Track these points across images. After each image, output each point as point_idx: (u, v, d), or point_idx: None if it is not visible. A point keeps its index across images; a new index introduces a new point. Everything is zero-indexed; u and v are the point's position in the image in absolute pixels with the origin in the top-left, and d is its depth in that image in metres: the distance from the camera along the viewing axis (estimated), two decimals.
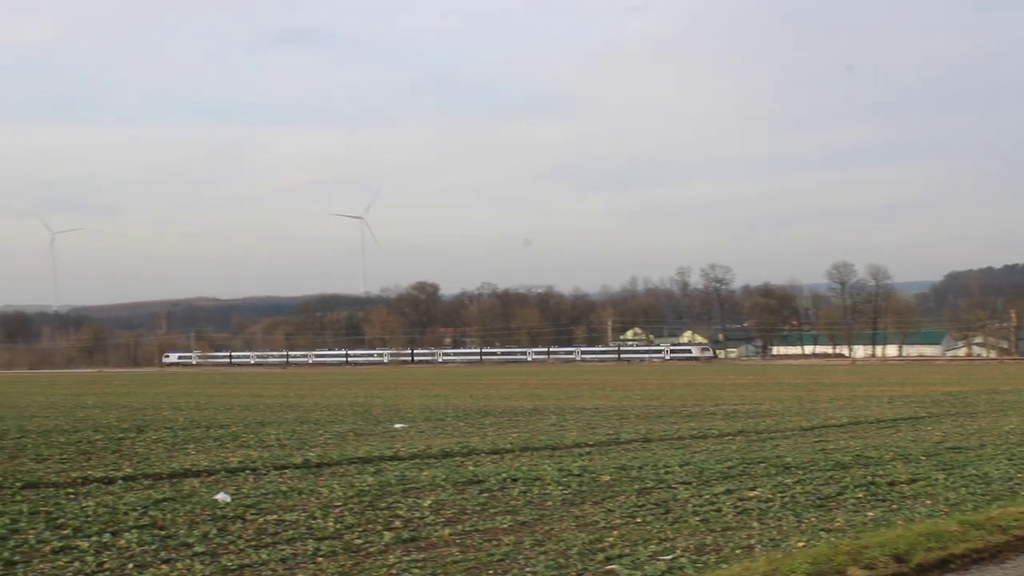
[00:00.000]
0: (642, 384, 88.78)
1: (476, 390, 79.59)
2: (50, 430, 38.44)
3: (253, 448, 31.38)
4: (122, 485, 22.99)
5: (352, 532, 16.98)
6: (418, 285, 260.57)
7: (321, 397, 68.46)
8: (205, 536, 16.63)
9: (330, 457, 28.14)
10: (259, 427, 39.97)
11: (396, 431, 38.16)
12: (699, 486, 21.93)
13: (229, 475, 24.72)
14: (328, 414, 48.32)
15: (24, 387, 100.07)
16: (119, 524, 17.64)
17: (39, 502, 20.22)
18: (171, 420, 44.11)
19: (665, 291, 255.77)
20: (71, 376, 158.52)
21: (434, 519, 18.15)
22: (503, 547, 15.79)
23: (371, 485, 22.04)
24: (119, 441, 33.71)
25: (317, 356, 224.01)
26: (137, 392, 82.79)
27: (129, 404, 60.13)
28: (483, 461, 27.48)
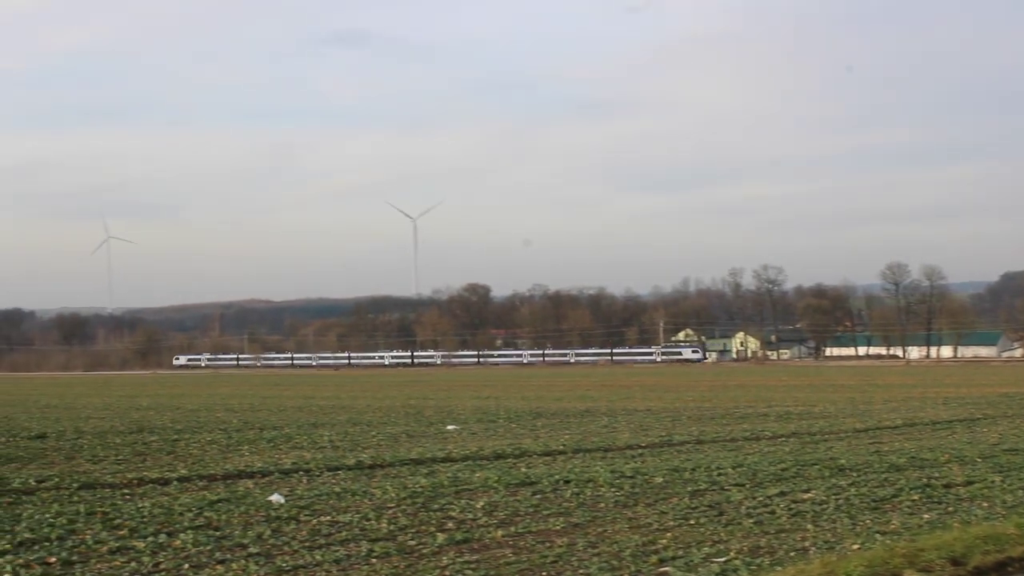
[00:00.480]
0: (694, 386, 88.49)
1: (528, 392, 79.58)
2: (106, 431, 38.76)
3: (306, 449, 31.52)
4: (177, 486, 23.16)
5: (405, 533, 17.03)
6: (469, 287, 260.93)
7: (373, 399, 68.65)
8: (259, 537, 16.72)
9: (383, 459, 28.21)
10: (312, 429, 40.14)
11: (448, 433, 38.22)
12: (752, 488, 21.83)
13: (283, 476, 24.84)
14: (380, 416, 48.45)
15: (80, 389, 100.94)
16: (174, 525, 17.78)
17: (96, 503, 20.41)
18: (225, 422, 44.38)
19: (717, 292, 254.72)
20: (125, 378, 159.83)
21: (487, 520, 18.17)
22: (556, 549, 15.78)
23: (424, 487, 22.10)
24: (174, 442, 33.94)
25: (320, 359, 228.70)
26: (191, 394, 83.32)
27: (183, 406, 60.53)
28: (535, 463, 27.48)
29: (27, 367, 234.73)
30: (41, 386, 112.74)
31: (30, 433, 37.57)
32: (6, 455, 29.80)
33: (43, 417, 49.02)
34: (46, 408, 59.08)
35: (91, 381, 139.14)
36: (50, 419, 47.21)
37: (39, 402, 68.11)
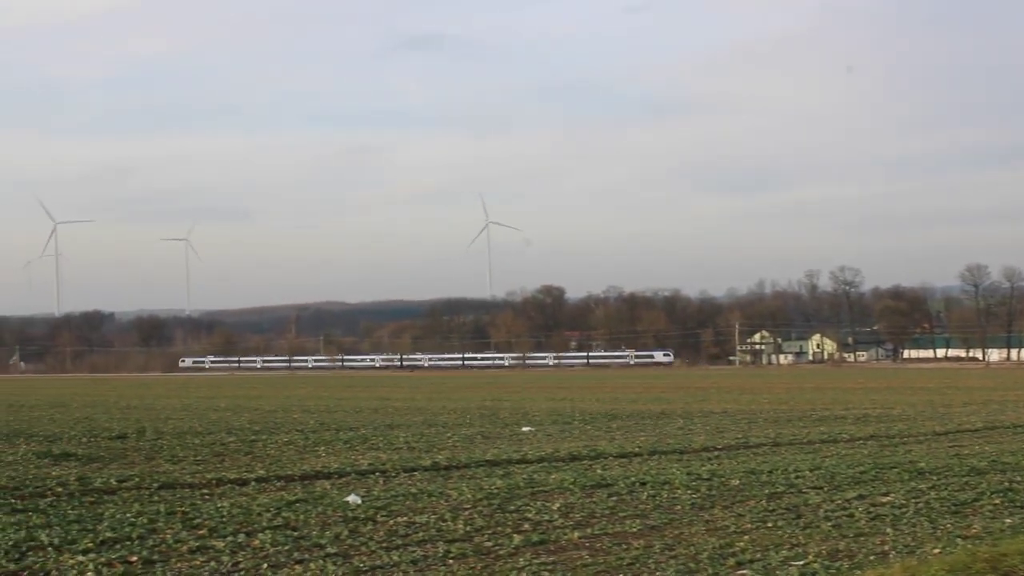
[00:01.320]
0: (770, 388, 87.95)
1: (602, 393, 79.49)
2: (184, 432, 39.15)
3: (382, 450, 31.67)
4: (255, 486, 23.35)
5: (482, 534, 17.06)
6: (544, 289, 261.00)
7: (448, 400, 68.86)
8: (337, 537, 16.81)
9: (458, 460, 28.28)
10: (388, 430, 40.32)
11: (523, 434, 38.24)
12: (830, 491, 21.66)
13: (359, 477, 24.97)
14: (455, 417, 48.57)
15: (159, 390, 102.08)
16: (253, 525, 17.92)
17: (175, 502, 20.62)
18: (301, 422, 44.68)
19: (793, 294, 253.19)
20: (203, 379, 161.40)
21: (563, 522, 18.16)
22: (633, 551, 15.75)
23: (500, 488, 22.13)
24: (251, 443, 34.21)
25: (315, 361, 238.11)
26: (267, 395, 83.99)
27: (260, 407, 61.02)
28: (611, 464, 27.43)
29: (106, 368, 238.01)
30: (120, 387, 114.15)
31: (111, 433, 38.03)
32: (88, 455, 30.18)
33: (123, 418, 49.60)
34: (126, 409, 59.80)
35: (169, 382, 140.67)
36: (130, 420, 47.75)
37: (119, 403, 68.94)
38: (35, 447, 32.54)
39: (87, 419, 48.36)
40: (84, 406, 63.73)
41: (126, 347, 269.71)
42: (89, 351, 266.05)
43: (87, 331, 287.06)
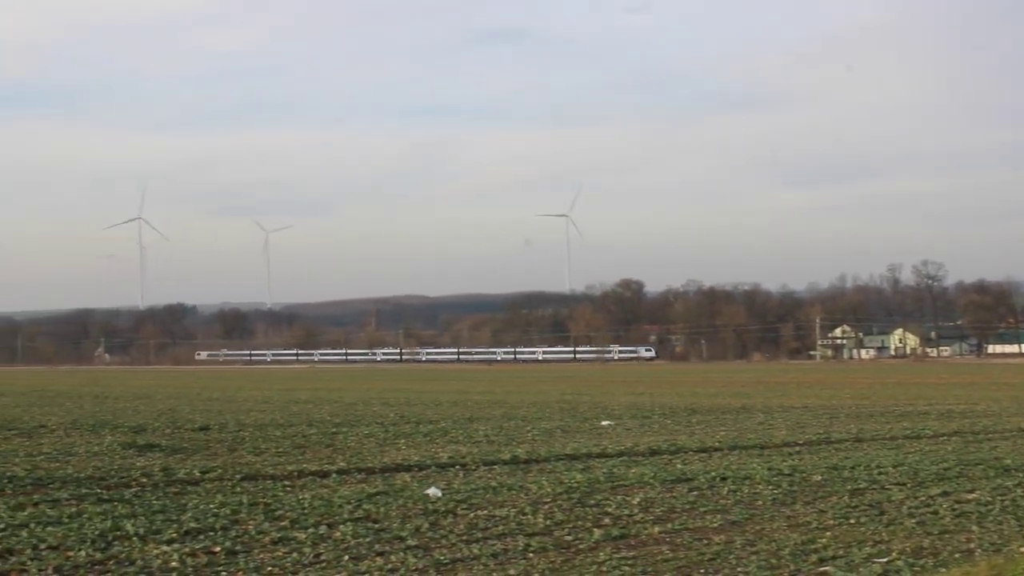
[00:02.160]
0: (852, 383, 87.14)
1: (682, 388, 79.16)
2: (266, 424, 39.47)
3: (462, 444, 31.73)
4: (336, 479, 23.47)
5: (562, 529, 17.06)
6: (623, 282, 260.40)
7: (527, 394, 68.91)
8: (417, 530, 16.88)
9: (538, 454, 28.29)
10: (467, 423, 40.40)
11: (603, 428, 38.17)
12: (914, 488, 21.44)
13: (439, 470, 25.04)
14: (535, 411, 48.56)
15: (240, 382, 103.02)
16: (334, 516, 18.04)
17: (258, 494, 20.81)
18: (381, 415, 44.87)
19: (875, 288, 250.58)
20: (284, 371, 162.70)
21: (643, 517, 18.11)
22: (714, 546, 15.67)
23: (579, 482, 22.11)
24: (332, 435, 34.41)
25: (322, 355, 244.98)
26: (347, 388, 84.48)
27: (340, 399, 61.38)
28: (691, 459, 27.31)
29: (189, 360, 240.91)
30: (203, 379, 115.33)
31: (194, 425, 38.43)
32: (171, 446, 30.51)
33: (206, 410, 50.09)
34: (208, 401, 60.40)
35: (250, 374, 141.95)
36: (212, 411, 48.22)
37: (201, 395, 69.64)
38: (120, 438, 32.95)
39: (170, 410, 48.90)
40: (168, 398, 64.45)
41: (208, 340, 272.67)
42: (172, 343, 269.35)
43: (170, 324, 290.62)
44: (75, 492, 20.80)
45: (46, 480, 22.25)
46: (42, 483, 21.91)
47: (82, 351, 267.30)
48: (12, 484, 21.67)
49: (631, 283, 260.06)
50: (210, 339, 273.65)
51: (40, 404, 55.77)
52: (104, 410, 49.75)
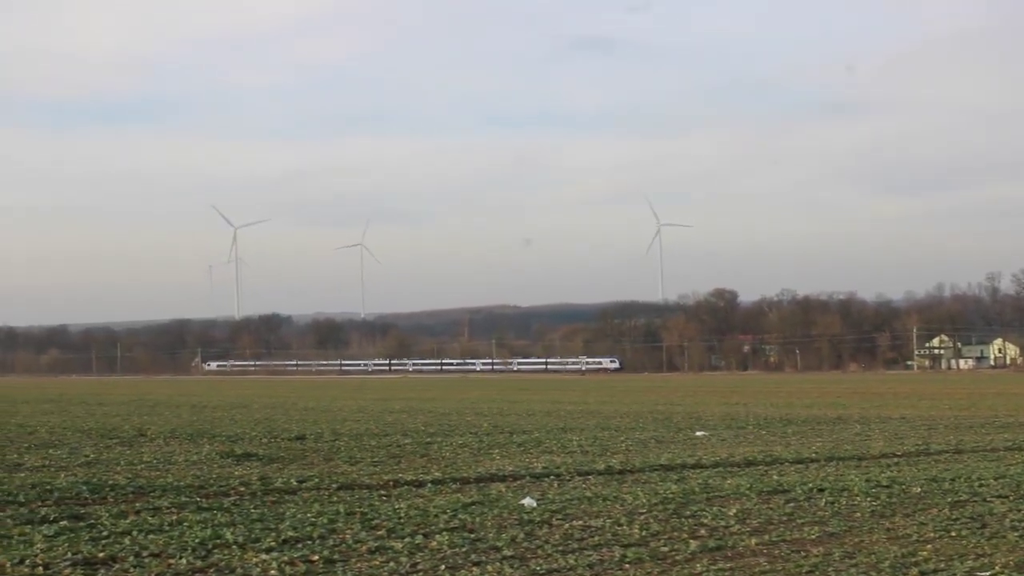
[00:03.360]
0: (950, 393, 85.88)
1: (777, 398, 78.53)
2: (361, 434, 39.74)
3: (556, 454, 31.73)
4: (431, 488, 23.58)
5: (658, 539, 17.00)
6: (716, 292, 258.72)
7: (621, 404, 68.73)
8: (513, 540, 16.90)
9: (633, 464, 28.22)
10: (561, 433, 40.38)
11: (697, 439, 37.99)
12: (1016, 500, 21.10)
13: (534, 480, 25.05)
14: (629, 421, 48.45)
15: (335, 391, 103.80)
16: (430, 526, 18.12)
17: (354, 503, 20.96)
18: (475, 425, 45.01)
19: (973, 297, 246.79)
20: (377, 381, 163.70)
21: (740, 528, 17.99)
22: (812, 558, 15.53)
23: (675, 492, 22.03)
24: (427, 445, 34.58)
25: (320, 365, 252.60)
26: (441, 397, 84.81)
27: (434, 409, 61.64)
28: (787, 470, 27.09)
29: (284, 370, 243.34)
30: (298, 388, 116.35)
31: (290, 434, 38.78)
32: (268, 455, 30.82)
33: (301, 419, 50.56)
34: (304, 410, 60.94)
35: (345, 384, 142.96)
36: (308, 421, 48.67)
37: (297, 404, 70.30)
38: (218, 447, 33.36)
39: (267, 420, 49.41)
40: (264, 407, 65.12)
41: (303, 350, 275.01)
42: (267, 353, 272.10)
43: (265, 333, 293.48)
44: (175, 500, 21.10)
45: (147, 488, 22.59)
46: (143, 491, 22.25)
47: (179, 361, 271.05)
48: (114, 492, 22.04)
49: (724, 293, 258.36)
50: (303, 349, 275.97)
51: (139, 413, 56.64)
52: (202, 419, 50.42)
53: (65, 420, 48.53)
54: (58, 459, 29.54)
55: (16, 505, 20.23)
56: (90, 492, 21.91)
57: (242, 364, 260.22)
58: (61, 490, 21.96)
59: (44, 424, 45.06)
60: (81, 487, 22.34)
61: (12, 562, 15.20)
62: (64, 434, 39.10)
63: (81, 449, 32.91)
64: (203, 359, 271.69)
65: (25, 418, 51.02)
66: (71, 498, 21.26)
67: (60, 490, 21.95)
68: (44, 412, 58.00)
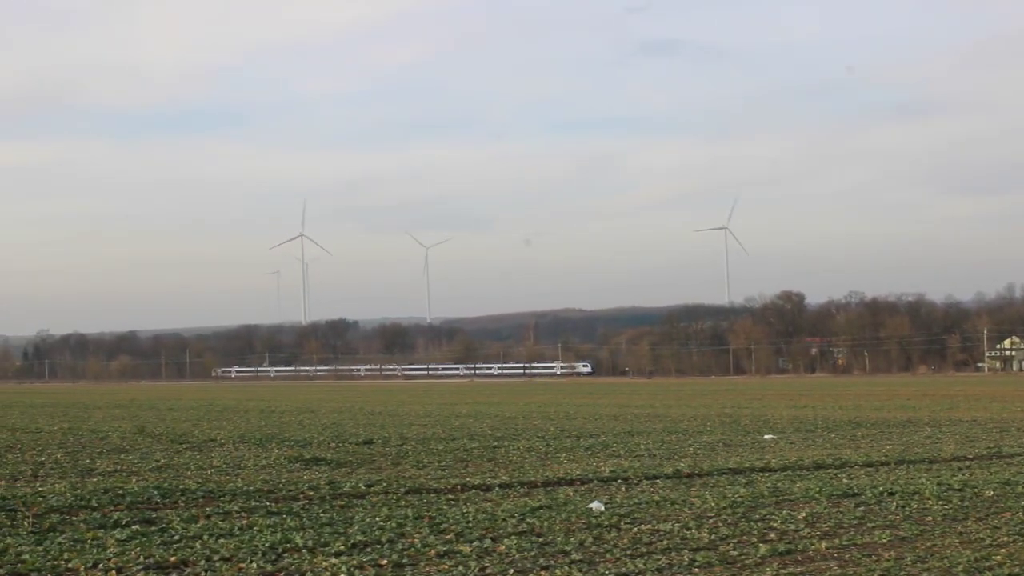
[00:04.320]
0: (1022, 395, 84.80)
1: (845, 401, 77.86)
2: (428, 438, 39.83)
3: (623, 458, 31.65)
4: (499, 492, 23.59)
5: (727, 544, 16.91)
6: (783, 294, 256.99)
7: (687, 407, 68.44)
8: (581, 544, 16.87)
9: (700, 468, 28.10)
10: (628, 437, 40.28)
11: (765, 442, 37.77)
12: None
13: (601, 484, 25.01)
14: (696, 424, 48.25)
15: (402, 396, 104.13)
16: (498, 530, 18.13)
17: (422, 507, 21.02)
18: (542, 429, 44.98)
19: None
20: (443, 385, 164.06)
21: (810, 532, 17.86)
22: (883, 563, 15.39)
23: (744, 496, 21.91)
24: (494, 449, 34.59)
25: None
26: (507, 401, 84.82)
27: (500, 413, 61.67)
28: (857, 474, 26.86)
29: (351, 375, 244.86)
30: (366, 393, 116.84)
31: (358, 439, 38.93)
32: (337, 460, 30.96)
33: (369, 424, 50.75)
34: (371, 415, 61.16)
35: (411, 388, 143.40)
36: (375, 425, 48.84)
37: (364, 409, 70.58)
38: (287, 451, 33.56)
39: (335, 425, 49.64)
40: (332, 412, 65.44)
41: (370, 354, 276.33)
42: (334, 358, 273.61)
43: (332, 338, 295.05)
44: (245, 505, 21.25)
45: (217, 493, 22.76)
46: (213, 496, 22.42)
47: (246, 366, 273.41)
48: (185, 496, 22.23)
49: (792, 295, 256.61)
50: (370, 353, 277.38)
51: (208, 418, 57.10)
52: (270, 424, 50.76)
53: (136, 425, 48.98)
54: (129, 464, 29.84)
55: (89, 510, 20.45)
56: (161, 497, 22.11)
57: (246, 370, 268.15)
58: (133, 495, 22.16)
59: (116, 429, 45.53)
60: (152, 492, 22.54)
61: (86, 566, 15.37)
62: (135, 439, 39.47)
63: (152, 454, 33.24)
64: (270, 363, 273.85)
65: (97, 423, 51.58)
66: (143, 503, 21.47)
67: (132, 495, 22.16)
68: (115, 418, 58.62)
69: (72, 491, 22.32)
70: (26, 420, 55.37)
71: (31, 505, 20.62)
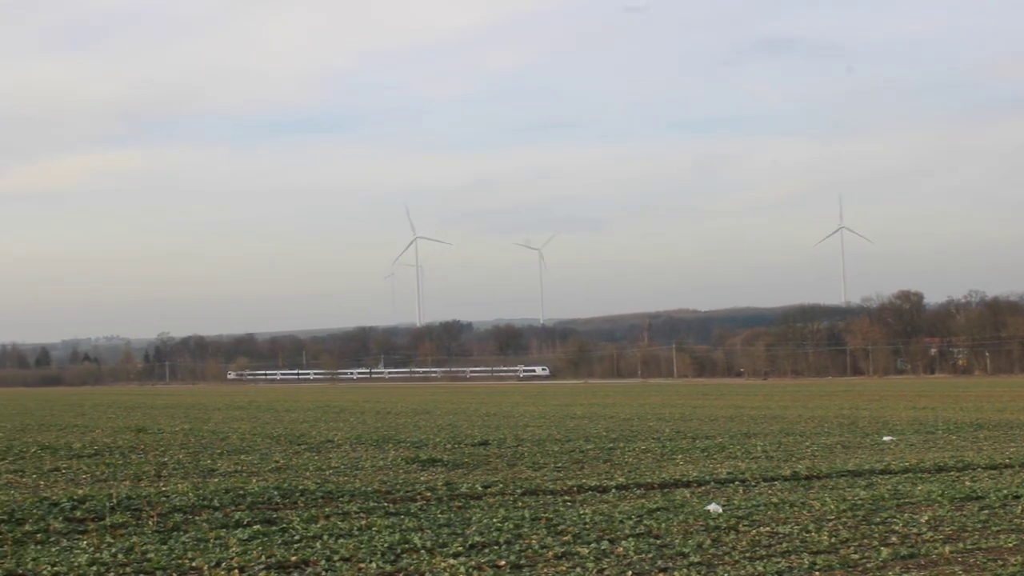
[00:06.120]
0: None
1: (966, 402, 76.49)
2: (543, 439, 39.85)
3: (740, 459, 31.41)
4: (615, 494, 23.55)
5: (847, 547, 16.72)
6: (901, 294, 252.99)
7: (805, 409, 67.70)
8: (700, 546, 16.79)
9: (819, 470, 27.78)
10: (744, 438, 39.97)
11: (885, 444, 37.25)
12: None
13: (719, 486, 24.85)
14: (813, 426, 47.73)
15: (516, 397, 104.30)
16: (615, 532, 18.09)
17: (539, 508, 21.05)
18: (657, 430, 44.81)
19: None
20: (557, 387, 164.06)
21: (932, 536, 17.59)
22: (1010, 568, 15.11)
23: (864, 499, 21.63)
24: (609, 451, 34.52)
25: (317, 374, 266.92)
26: (621, 403, 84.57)
27: (615, 415, 61.52)
28: (980, 476, 26.39)
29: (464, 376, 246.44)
30: (480, 395, 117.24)
31: (474, 440, 39.08)
32: (453, 461, 31.11)
33: (484, 425, 50.92)
34: (486, 416, 61.35)
35: (525, 390, 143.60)
36: (491, 427, 48.99)
37: (479, 410, 70.81)
38: (403, 452, 33.80)
39: (451, 426, 49.88)
40: (447, 413, 65.77)
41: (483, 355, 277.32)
42: (448, 359, 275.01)
43: (447, 340, 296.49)
44: (364, 505, 21.45)
45: (336, 494, 22.98)
46: (332, 496, 22.64)
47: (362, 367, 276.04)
48: (304, 497, 22.47)
49: (910, 294, 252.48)
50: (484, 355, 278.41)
51: (325, 420, 57.70)
52: (387, 425, 51.13)
53: (255, 427, 49.69)
54: (249, 465, 30.26)
55: (211, 509, 20.78)
56: (281, 497, 22.38)
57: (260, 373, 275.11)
58: (253, 495, 22.46)
59: (235, 430, 46.20)
60: (272, 492, 22.82)
61: (210, 565, 15.62)
62: (254, 440, 40.02)
63: (271, 455, 33.68)
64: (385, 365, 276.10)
65: (217, 425, 52.38)
66: (263, 503, 21.76)
67: (252, 495, 22.46)
68: (235, 419, 59.48)
69: (195, 491, 22.68)
70: (148, 421, 56.38)
71: (155, 505, 21.00)
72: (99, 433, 45.63)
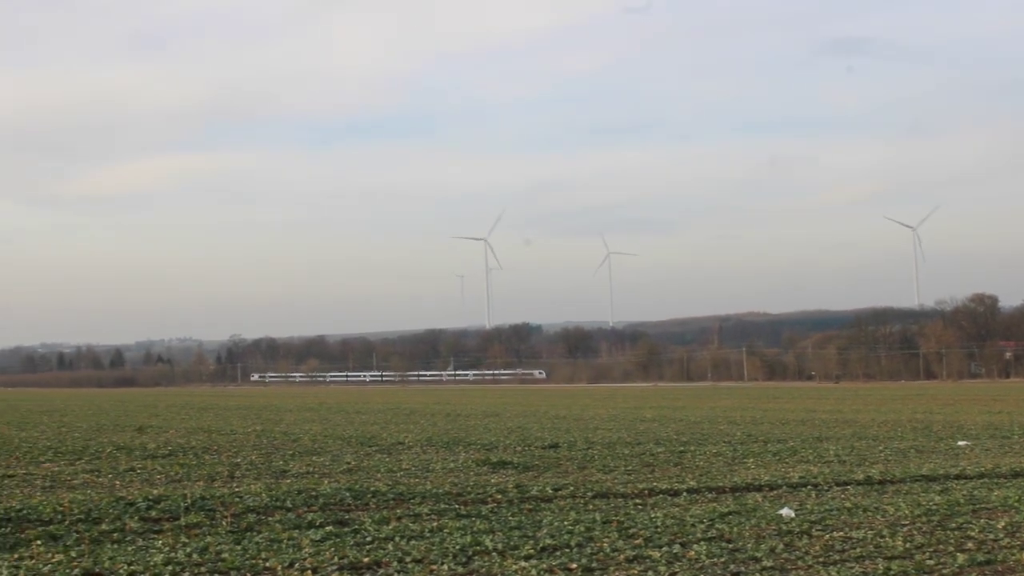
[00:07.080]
0: None
1: None
2: (614, 442, 39.79)
3: (812, 463, 31.22)
4: (687, 497, 23.48)
5: (922, 552, 16.56)
6: (975, 297, 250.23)
7: (877, 412, 67.15)
8: (772, 551, 16.69)
9: (892, 474, 27.54)
10: (816, 442, 39.72)
11: (959, 448, 36.87)
12: None
13: (791, 490, 24.70)
14: (886, 430, 47.33)
15: (585, 400, 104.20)
16: (687, 536, 18.03)
17: (610, 511, 21.01)
18: (728, 434, 44.61)
19: None
20: (628, 390, 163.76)
21: (1010, 542, 17.38)
22: None
23: (939, 504, 21.42)
24: (680, 454, 34.41)
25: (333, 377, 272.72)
26: (691, 406, 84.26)
27: (685, 418, 61.31)
28: None
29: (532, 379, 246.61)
30: (550, 397, 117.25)
31: (543, 443, 39.10)
32: (523, 463, 31.12)
33: (554, 427, 50.92)
34: (556, 419, 61.34)
35: (595, 392, 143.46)
36: (561, 429, 48.98)
37: (549, 413, 70.81)
38: (474, 455, 33.86)
39: (520, 428, 49.92)
40: (517, 415, 65.82)
41: (553, 358, 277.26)
42: (517, 362, 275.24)
43: (516, 343, 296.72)
44: (435, 507, 21.50)
45: (407, 495, 23.06)
46: (403, 498, 22.73)
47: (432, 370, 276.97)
48: (376, 499, 22.57)
49: (984, 297, 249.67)
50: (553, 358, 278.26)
51: (396, 422, 57.92)
52: (457, 427, 51.24)
53: (326, 428, 49.96)
54: (321, 466, 30.43)
55: (284, 510, 20.91)
56: (353, 498, 22.49)
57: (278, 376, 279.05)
58: (325, 496, 22.58)
59: (307, 432, 46.47)
60: (344, 493, 22.93)
61: (283, 565, 15.73)
62: (326, 442, 40.24)
63: (343, 456, 33.85)
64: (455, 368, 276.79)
65: (289, 426, 52.72)
66: (335, 504, 21.87)
67: (324, 496, 22.58)
68: (306, 420, 59.85)
69: (267, 492, 22.84)
70: (221, 422, 56.87)
71: (229, 505, 21.18)
72: (173, 433, 46.06)
